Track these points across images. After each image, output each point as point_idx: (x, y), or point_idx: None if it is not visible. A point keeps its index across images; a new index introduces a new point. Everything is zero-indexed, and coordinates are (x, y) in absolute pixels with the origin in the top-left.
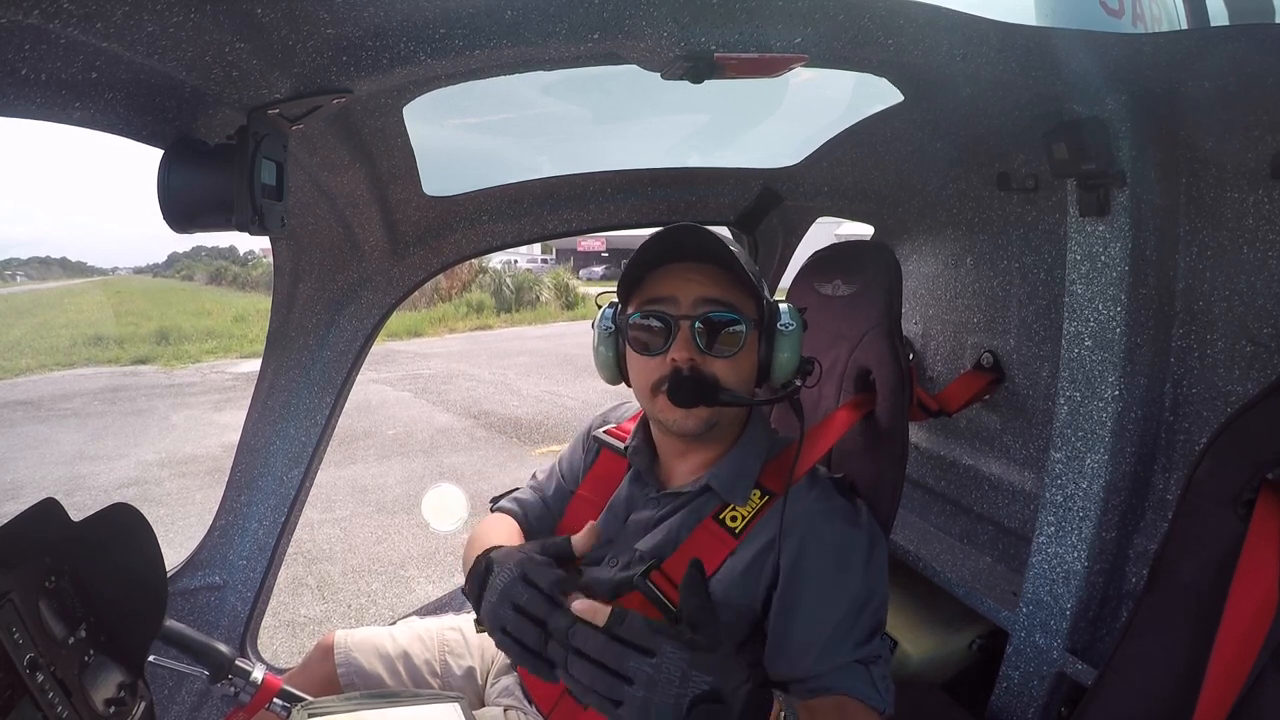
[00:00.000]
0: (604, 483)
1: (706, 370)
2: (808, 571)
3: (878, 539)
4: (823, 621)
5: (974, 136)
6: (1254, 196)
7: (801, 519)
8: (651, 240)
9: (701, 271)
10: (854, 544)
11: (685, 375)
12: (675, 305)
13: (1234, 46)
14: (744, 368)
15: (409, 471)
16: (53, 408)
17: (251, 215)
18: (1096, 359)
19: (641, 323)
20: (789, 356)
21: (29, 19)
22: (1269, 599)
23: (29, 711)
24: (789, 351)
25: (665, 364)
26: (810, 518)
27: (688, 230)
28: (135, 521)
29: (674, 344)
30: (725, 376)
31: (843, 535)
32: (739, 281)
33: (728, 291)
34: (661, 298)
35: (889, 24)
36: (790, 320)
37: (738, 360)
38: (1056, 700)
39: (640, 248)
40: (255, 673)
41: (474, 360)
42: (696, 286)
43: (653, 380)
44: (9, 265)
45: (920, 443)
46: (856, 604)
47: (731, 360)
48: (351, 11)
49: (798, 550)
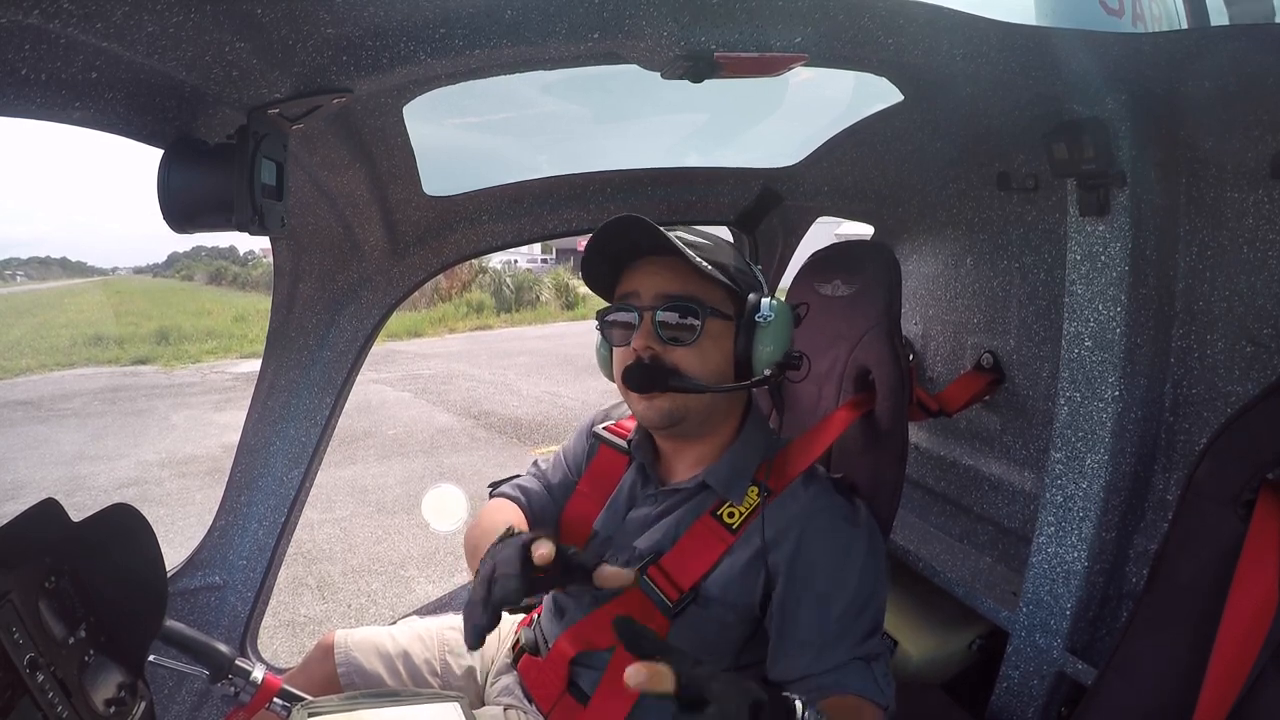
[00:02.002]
0: (602, 479)
1: (666, 359)
2: (807, 570)
3: (876, 538)
4: (823, 620)
5: (974, 136)
6: (1254, 196)
7: (798, 518)
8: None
9: (662, 265)
10: (852, 543)
11: (643, 363)
12: (639, 299)
13: (1234, 46)
14: (710, 358)
15: (409, 471)
16: (53, 408)
17: (251, 215)
18: (1096, 359)
19: (610, 317)
20: (771, 349)
21: (29, 19)
22: (1269, 599)
23: (29, 711)
24: (770, 344)
25: (630, 354)
26: (808, 516)
27: (638, 227)
28: (135, 522)
29: (635, 334)
30: (687, 366)
31: (841, 534)
32: (700, 274)
33: (687, 284)
34: (629, 293)
35: (889, 24)
36: (770, 313)
37: (700, 349)
38: (1056, 700)
39: (591, 240)
40: (255, 672)
41: (474, 360)
42: (658, 280)
43: (621, 370)
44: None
45: (920, 443)
46: (857, 603)
47: (693, 349)
48: (351, 11)
49: (795, 549)
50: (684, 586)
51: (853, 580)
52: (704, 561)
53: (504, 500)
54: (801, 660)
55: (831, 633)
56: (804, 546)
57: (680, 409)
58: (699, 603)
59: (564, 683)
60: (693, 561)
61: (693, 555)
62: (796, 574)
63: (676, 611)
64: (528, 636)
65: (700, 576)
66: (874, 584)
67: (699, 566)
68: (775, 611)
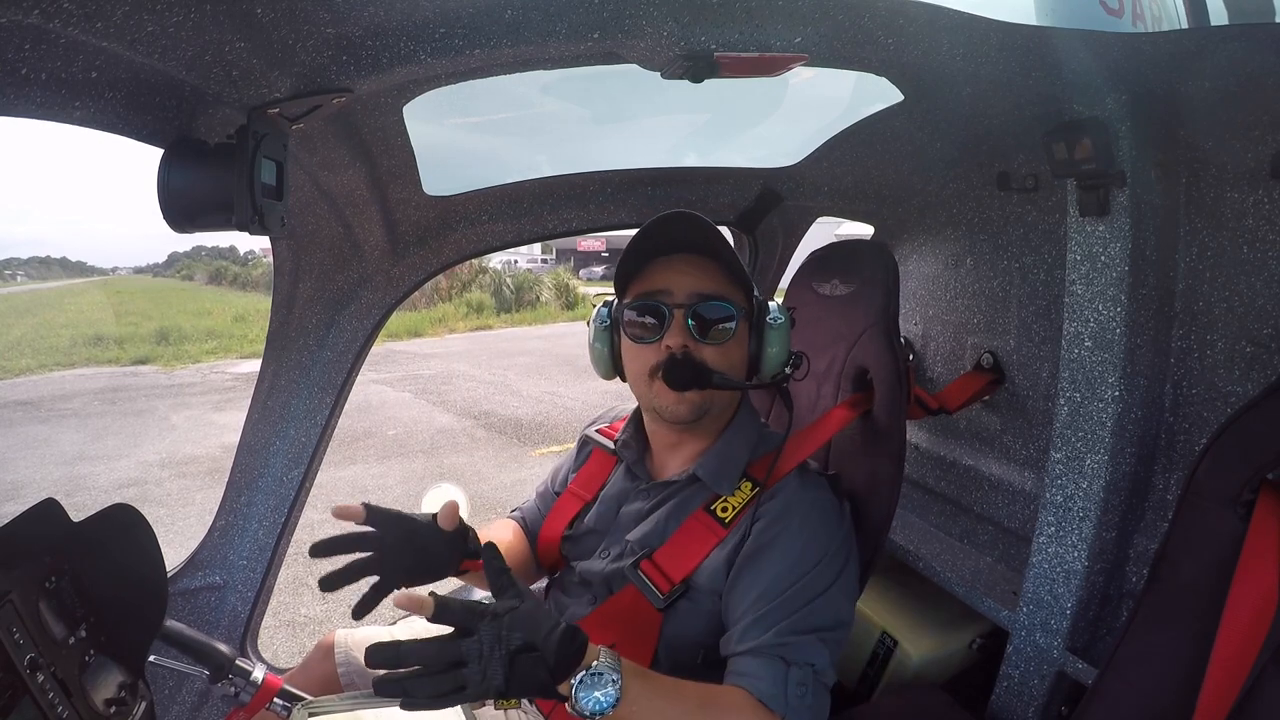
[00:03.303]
0: (594, 479)
1: (698, 356)
2: (766, 549)
3: (850, 548)
4: (761, 594)
5: (974, 136)
6: (1254, 196)
7: (781, 508)
8: (651, 228)
9: (694, 264)
10: (824, 537)
11: (679, 359)
12: (670, 296)
13: (1234, 46)
14: (735, 357)
15: (409, 472)
16: (53, 408)
17: (251, 215)
18: (1096, 359)
19: (637, 312)
20: (778, 350)
21: (29, 19)
22: (1269, 599)
23: (29, 711)
24: (778, 345)
25: (660, 350)
26: (790, 506)
27: (684, 222)
28: (135, 522)
29: (668, 331)
30: (717, 363)
31: (816, 525)
32: (731, 274)
33: (720, 284)
34: (657, 289)
35: (889, 24)
36: (779, 315)
37: (728, 349)
38: (1057, 700)
39: (638, 235)
40: (255, 672)
41: (474, 360)
42: (691, 279)
43: (649, 365)
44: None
45: (920, 443)
46: (804, 593)
47: (722, 348)
48: (351, 11)
49: (766, 530)
50: (675, 579)
51: (808, 570)
52: (695, 555)
53: (505, 521)
54: (731, 633)
55: (763, 608)
56: (774, 530)
57: (708, 403)
58: (689, 595)
59: None
60: (685, 555)
61: (685, 549)
62: (757, 550)
63: (668, 604)
64: None
65: (691, 570)
66: (830, 585)
67: (690, 560)
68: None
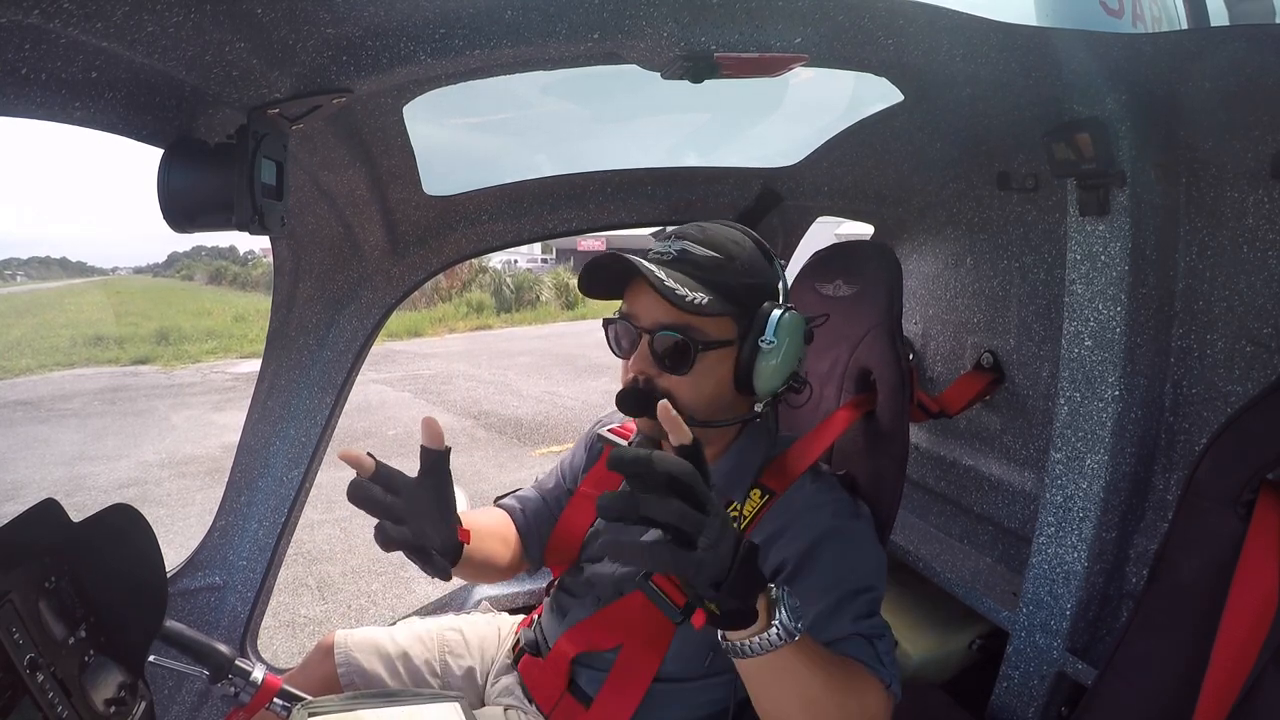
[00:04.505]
0: (607, 480)
1: (660, 385)
2: (815, 557)
3: (874, 533)
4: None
5: (974, 136)
6: (1254, 196)
7: (804, 511)
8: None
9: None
10: (856, 534)
11: (637, 387)
12: (638, 320)
13: (1234, 46)
14: (705, 385)
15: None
16: (53, 408)
17: (251, 215)
18: (1096, 359)
19: (613, 332)
20: (771, 374)
21: (29, 19)
22: (1269, 599)
23: (29, 711)
24: (771, 368)
25: (628, 371)
26: (816, 508)
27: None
28: (135, 522)
29: (635, 355)
30: (681, 393)
31: (847, 526)
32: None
33: (683, 314)
34: (630, 312)
35: (889, 24)
36: (774, 338)
37: (694, 379)
38: (1057, 700)
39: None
40: (255, 673)
41: (474, 360)
42: (653, 308)
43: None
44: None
45: (920, 443)
46: (859, 588)
47: (687, 378)
48: (351, 11)
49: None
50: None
51: (856, 567)
52: None
53: (490, 507)
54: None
55: (832, 608)
56: (809, 536)
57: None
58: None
59: (565, 683)
60: None
61: None
62: (803, 561)
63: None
64: (528, 636)
65: None
66: (875, 575)
67: None
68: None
